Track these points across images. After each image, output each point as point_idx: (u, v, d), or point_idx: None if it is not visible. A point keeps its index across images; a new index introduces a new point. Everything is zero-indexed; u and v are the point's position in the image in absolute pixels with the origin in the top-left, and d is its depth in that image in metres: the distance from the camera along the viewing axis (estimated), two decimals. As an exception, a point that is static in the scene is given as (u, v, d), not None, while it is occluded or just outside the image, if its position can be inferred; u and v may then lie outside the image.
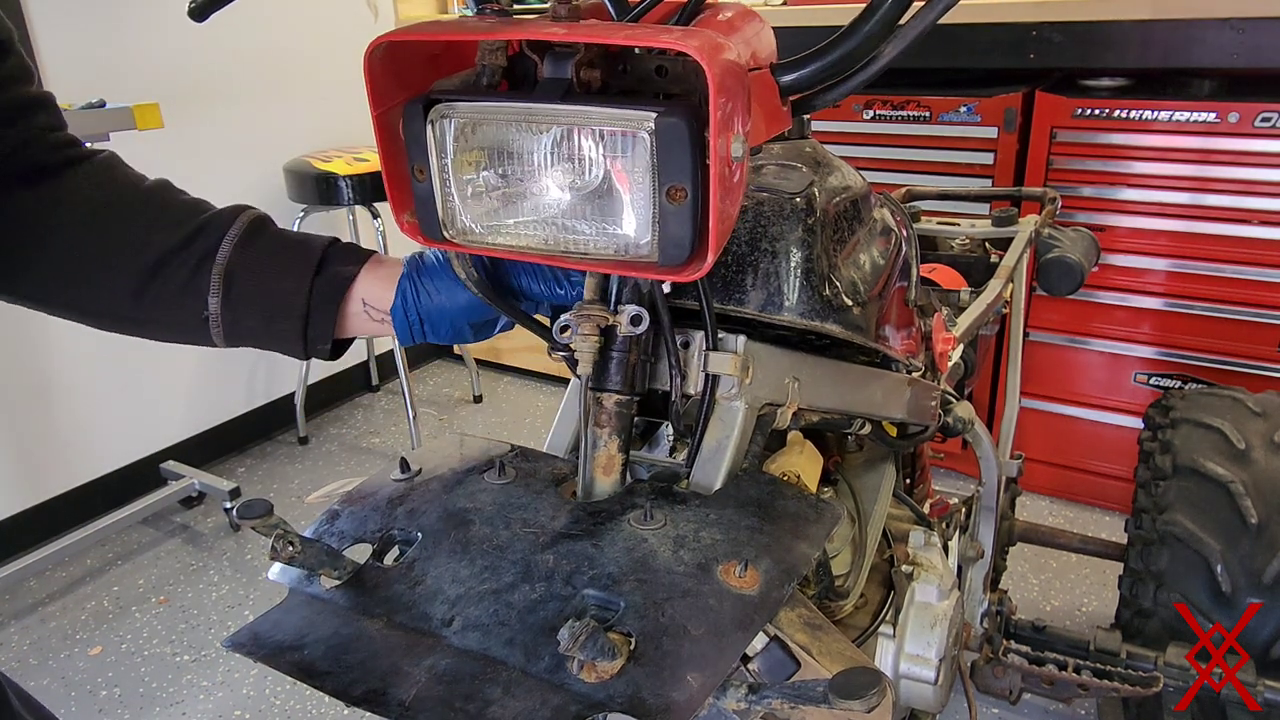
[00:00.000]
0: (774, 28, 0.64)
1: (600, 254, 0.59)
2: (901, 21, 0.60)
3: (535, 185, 0.58)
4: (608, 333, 0.67)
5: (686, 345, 0.70)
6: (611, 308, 0.67)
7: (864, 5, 0.59)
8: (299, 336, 0.80)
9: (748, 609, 0.58)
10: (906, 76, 2.42)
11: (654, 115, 0.53)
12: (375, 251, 0.82)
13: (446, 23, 0.60)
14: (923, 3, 0.60)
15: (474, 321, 0.78)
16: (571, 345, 0.67)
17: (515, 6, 0.80)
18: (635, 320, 0.66)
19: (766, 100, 0.60)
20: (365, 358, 3.52)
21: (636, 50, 0.59)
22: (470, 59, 0.63)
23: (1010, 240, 1.56)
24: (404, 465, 0.74)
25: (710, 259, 0.54)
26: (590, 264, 0.60)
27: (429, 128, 0.59)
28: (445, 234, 0.62)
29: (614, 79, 0.59)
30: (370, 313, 0.80)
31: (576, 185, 0.57)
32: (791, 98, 0.63)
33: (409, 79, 0.60)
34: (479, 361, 3.55)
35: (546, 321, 0.74)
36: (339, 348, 0.83)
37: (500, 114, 0.57)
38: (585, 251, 0.59)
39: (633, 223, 0.57)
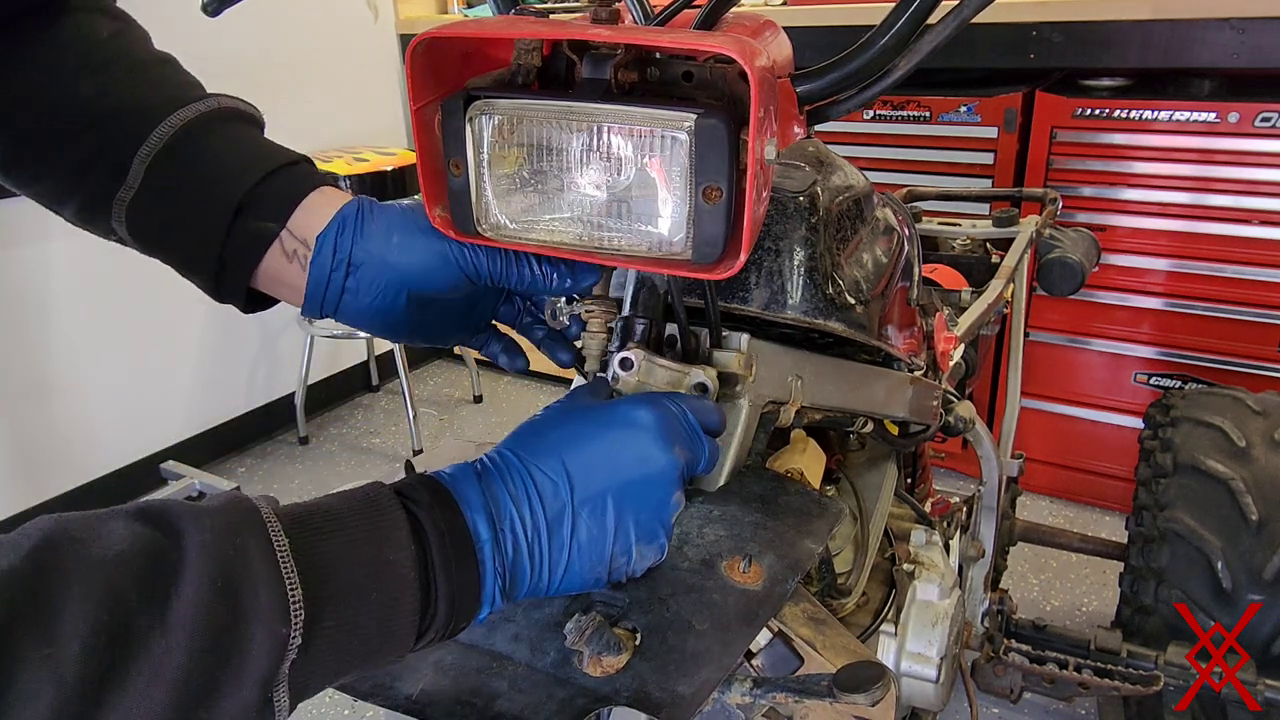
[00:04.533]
0: (773, 28, 0.65)
1: (633, 251, 0.60)
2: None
3: (571, 183, 0.59)
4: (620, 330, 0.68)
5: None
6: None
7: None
8: (213, 290, 0.72)
9: (752, 604, 0.58)
10: (907, 76, 2.43)
11: (694, 116, 0.54)
12: (320, 185, 0.70)
13: (490, 21, 0.61)
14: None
15: (414, 291, 0.68)
16: (578, 342, 0.67)
17: (520, 6, 0.80)
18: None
19: (786, 108, 0.61)
20: (365, 358, 3.52)
21: (658, 55, 0.59)
22: (497, 59, 0.63)
23: (1011, 240, 1.56)
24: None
25: (743, 257, 0.55)
26: (623, 261, 0.61)
27: (468, 124, 0.59)
28: (479, 229, 0.63)
29: (642, 82, 0.60)
30: (289, 246, 0.68)
31: (611, 184, 0.58)
32: (807, 107, 0.64)
33: (443, 76, 0.61)
34: (479, 361, 3.55)
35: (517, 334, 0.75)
36: (258, 299, 0.73)
37: (541, 112, 0.58)
38: (618, 248, 0.60)
39: (667, 221, 0.58)
